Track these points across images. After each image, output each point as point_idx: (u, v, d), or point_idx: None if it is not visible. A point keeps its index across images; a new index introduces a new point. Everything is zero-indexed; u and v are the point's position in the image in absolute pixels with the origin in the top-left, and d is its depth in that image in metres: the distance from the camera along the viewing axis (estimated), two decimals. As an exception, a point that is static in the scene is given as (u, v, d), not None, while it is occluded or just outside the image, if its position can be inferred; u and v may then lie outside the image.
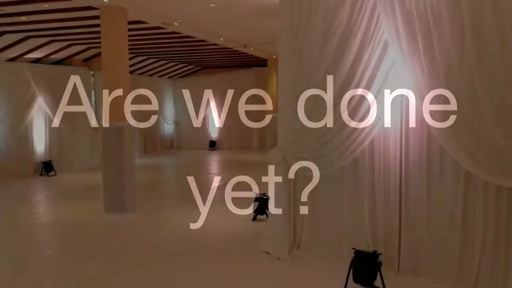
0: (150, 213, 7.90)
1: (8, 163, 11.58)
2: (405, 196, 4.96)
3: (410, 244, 4.95)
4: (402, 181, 4.97)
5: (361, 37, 4.99)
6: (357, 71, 5.03)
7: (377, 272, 4.51)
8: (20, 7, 7.73)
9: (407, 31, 4.60)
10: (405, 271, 4.96)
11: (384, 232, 5.08)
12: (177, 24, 9.24)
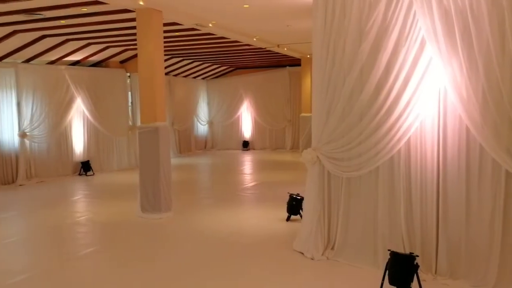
0: (185, 213, 7.99)
1: (49, 163, 11.95)
2: (443, 196, 4.84)
3: (448, 246, 4.83)
4: (439, 181, 4.86)
5: (396, 35, 4.92)
6: (393, 70, 4.95)
7: (414, 274, 4.43)
8: (59, 11, 7.96)
9: (445, 28, 4.51)
10: (442, 274, 4.85)
11: (421, 233, 4.98)
12: (212, 25, 9.32)
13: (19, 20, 8.48)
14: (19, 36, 9.75)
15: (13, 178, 11.22)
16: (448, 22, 4.49)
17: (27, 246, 6.59)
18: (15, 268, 5.55)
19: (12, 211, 8.55)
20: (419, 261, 4.55)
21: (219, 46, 12.49)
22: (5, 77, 10.96)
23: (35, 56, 11.33)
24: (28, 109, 11.39)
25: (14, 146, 11.27)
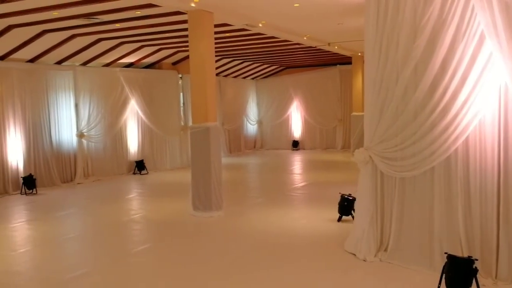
0: (235, 212, 8.05)
1: (105, 162, 12.39)
2: (504, 197, 4.62)
3: (509, 250, 4.61)
4: (500, 181, 4.65)
5: (454, 30, 4.74)
6: (449, 66, 4.78)
7: (473, 279, 4.26)
8: (114, 15, 8.22)
9: (505, 22, 4.30)
10: (503, 279, 4.63)
11: (480, 236, 4.78)
12: (262, 25, 9.34)
13: (78, 24, 8.82)
14: (77, 40, 10.15)
15: (72, 177, 11.69)
16: (509, 16, 4.28)
17: (85, 242, 6.85)
18: (73, 264, 5.77)
19: (71, 208, 8.91)
20: (478, 265, 4.37)
21: (269, 45, 12.51)
22: (64, 79, 11.44)
23: (91, 59, 11.76)
24: (85, 110, 11.84)
25: (72, 146, 11.75)
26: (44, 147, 11.04)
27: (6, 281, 5.22)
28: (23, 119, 10.53)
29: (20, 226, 7.66)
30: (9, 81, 10.20)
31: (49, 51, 10.41)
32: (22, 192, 10.21)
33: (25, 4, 7.12)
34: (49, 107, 11.14)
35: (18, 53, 9.99)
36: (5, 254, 6.16)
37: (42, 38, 9.53)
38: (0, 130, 10.10)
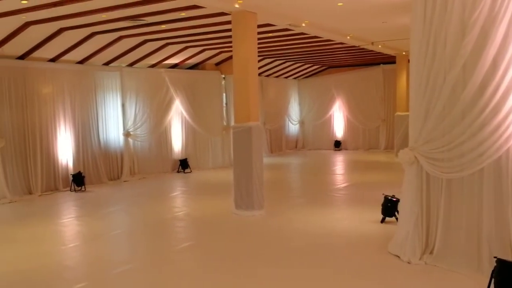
0: (276, 211, 8.07)
1: (150, 161, 12.69)
2: (558, 201, 4.44)
3: None
4: (554, 184, 4.46)
5: (505, 27, 4.59)
6: (500, 65, 4.63)
7: (524, 284, 4.10)
8: (160, 17, 8.40)
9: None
10: (557, 286, 4.43)
11: (532, 240, 4.60)
12: (305, 25, 9.31)
13: (124, 26, 9.07)
14: (124, 42, 10.44)
15: (118, 175, 12.03)
16: None
17: (131, 239, 7.04)
18: (120, 259, 5.95)
19: (118, 205, 9.17)
20: (530, 271, 4.20)
21: (311, 45, 12.45)
22: (111, 80, 11.79)
23: (137, 60, 12.06)
24: (131, 110, 12.17)
25: (119, 145, 12.09)
26: (93, 146, 11.41)
27: (57, 275, 5.43)
28: (72, 119, 10.92)
29: (70, 222, 7.95)
30: (60, 82, 10.60)
31: (98, 53, 10.75)
32: (72, 189, 10.60)
33: (75, 7, 7.38)
34: (97, 107, 11.51)
35: (68, 55, 10.38)
36: (55, 248, 6.41)
37: (91, 40, 9.86)
38: (51, 129, 10.51)
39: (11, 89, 9.70)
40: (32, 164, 10.11)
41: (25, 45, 9.43)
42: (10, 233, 7.23)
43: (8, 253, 6.18)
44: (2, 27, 8.33)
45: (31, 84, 10.02)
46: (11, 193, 9.59)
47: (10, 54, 9.54)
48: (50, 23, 8.43)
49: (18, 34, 8.67)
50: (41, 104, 10.25)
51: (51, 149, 10.51)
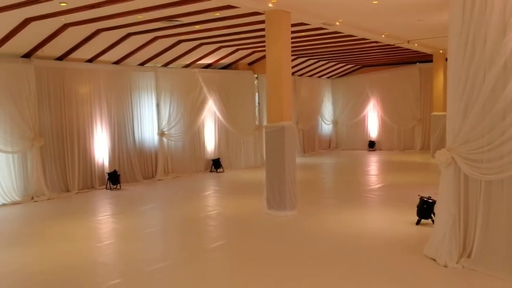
0: (309, 212, 8.01)
1: (183, 160, 12.82)
2: None
3: None
4: None
5: (548, 24, 4.41)
6: (543, 62, 4.45)
7: None
8: (194, 17, 8.47)
9: None
10: None
11: None
12: (339, 23, 9.22)
13: (160, 27, 9.20)
14: (159, 42, 10.58)
15: (153, 173, 12.21)
16: None
17: (164, 236, 7.13)
18: (153, 257, 6.02)
19: (152, 203, 9.31)
20: None
21: (345, 44, 12.32)
22: (146, 80, 11.97)
23: (172, 60, 12.21)
24: (166, 110, 12.33)
25: (153, 144, 12.27)
26: (128, 145, 11.62)
27: (93, 271, 5.55)
28: (108, 118, 11.14)
29: (105, 219, 8.12)
30: (97, 82, 10.84)
31: (133, 53, 10.94)
32: (107, 187, 10.82)
33: (112, 9, 7.53)
34: (133, 106, 11.71)
35: (105, 56, 10.60)
36: (91, 245, 6.55)
37: (127, 41, 10.03)
38: (88, 128, 10.75)
39: (50, 89, 9.98)
40: (69, 162, 10.38)
41: (63, 46, 9.69)
42: (48, 229, 7.43)
43: (46, 249, 6.36)
44: (43, 29, 8.57)
45: (69, 84, 10.29)
46: (49, 190, 9.88)
47: (50, 55, 9.82)
48: (88, 25, 8.63)
49: (57, 36, 8.91)
50: (78, 104, 10.51)
51: (88, 148, 10.76)
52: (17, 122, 9.29)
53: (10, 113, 9.19)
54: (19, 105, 9.30)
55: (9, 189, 9.33)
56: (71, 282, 5.14)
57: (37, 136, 9.61)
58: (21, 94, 9.35)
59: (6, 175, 9.30)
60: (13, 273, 5.45)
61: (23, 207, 9.10)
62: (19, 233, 7.33)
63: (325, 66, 17.18)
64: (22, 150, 9.45)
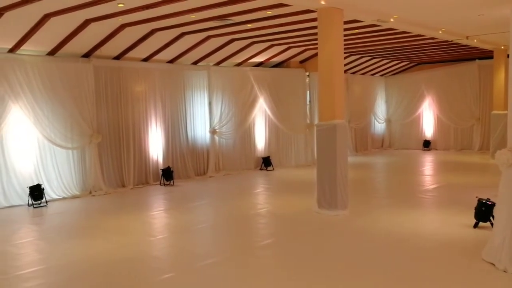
0: (361, 212, 7.89)
1: (234, 158, 12.96)
2: None
3: None
4: None
5: None
6: None
7: None
8: (246, 16, 8.52)
9: None
10: None
11: None
12: (393, 20, 9.00)
13: (212, 26, 9.32)
14: (211, 41, 10.73)
15: (205, 170, 12.41)
16: None
17: (215, 233, 7.22)
18: (205, 252, 6.12)
19: (204, 199, 9.46)
20: None
21: (400, 41, 12.02)
22: (198, 79, 12.18)
23: (224, 59, 12.34)
24: (217, 108, 12.50)
25: (205, 142, 12.47)
26: (181, 142, 11.87)
27: (147, 264, 5.71)
28: (163, 116, 11.42)
29: (159, 214, 8.33)
30: (152, 81, 11.14)
31: (187, 52, 11.15)
32: (161, 183, 11.10)
33: (167, 9, 7.70)
34: (186, 105, 11.95)
35: (159, 55, 10.87)
36: (145, 239, 6.74)
37: (180, 40, 10.24)
38: (144, 126, 11.07)
39: (107, 87, 10.35)
40: (125, 158, 10.73)
41: (120, 46, 10.01)
42: (105, 223, 7.72)
43: (103, 242, 6.60)
44: (101, 29, 8.90)
45: (125, 83, 10.62)
46: (106, 185, 10.25)
47: (107, 54, 10.17)
48: (143, 25, 8.88)
49: (114, 36, 9.22)
50: (134, 102, 10.83)
51: (143, 145, 11.08)
52: (77, 120, 9.69)
53: (71, 110, 9.60)
54: (78, 103, 9.71)
55: (69, 183, 9.76)
56: (126, 274, 5.31)
57: (95, 133, 9.99)
58: (81, 93, 9.76)
59: (66, 170, 9.73)
60: (72, 264, 5.70)
61: (82, 201, 9.49)
62: (78, 226, 7.65)
63: (378, 64, 16.84)
64: (81, 147, 9.86)
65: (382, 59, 16.24)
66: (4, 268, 5.60)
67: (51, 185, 9.48)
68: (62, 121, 9.52)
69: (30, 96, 9.02)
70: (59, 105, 9.45)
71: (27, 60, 8.99)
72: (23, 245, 6.49)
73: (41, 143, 9.37)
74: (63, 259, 5.85)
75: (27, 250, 6.28)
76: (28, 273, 5.40)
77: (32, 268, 5.57)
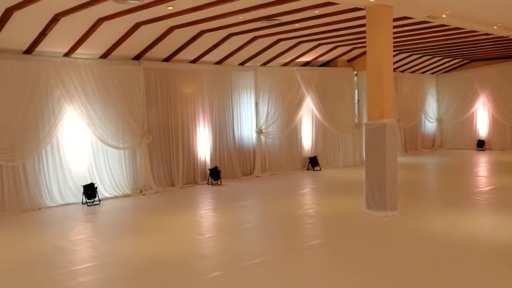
0: (411, 213, 7.70)
1: (280, 158, 12.95)
2: None
3: None
4: None
5: None
6: None
7: None
8: (294, 15, 8.50)
9: None
10: None
11: None
12: (445, 16, 8.72)
13: (259, 26, 9.35)
14: (258, 42, 10.77)
15: (251, 170, 12.47)
16: None
17: (262, 232, 7.24)
18: (252, 251, 6.16)
19: (250, 199, 9.51)
20: None
21: (452, 38, 11.63)
22: (245, 79, 12.25)
23: (271, 59, 12.36)
24: (264, 108, 12.53)
25: (252, 142, 12.53)
26: (228, 142, 11.99)
27: (196, 262, 5.80)
28: (210, 117, 11.57)
29: (206, 213, 8.44)
30: (199, 82, 11.30)
31: (234, 53, 11.24)
32: (209, 183, 11.25)
33: (215, 10, 7.79)
34: (233, 105, 12.06)
35: (207, 56, 11.01)
36: (194, 237, 6.85)
37: (228, 41, 10.34)
38: (192, 126, 11.25)
39: (157, 89, 10.58)
40: (174, 158, 10.94)
41: (169, 48, 10.21)
42: (155, 221, 7.89)
43: (152, 240, 6.76)
44: (151, 32, 9.11)
45: (174, 84, 10.83)
46: (156, 184, 10.49)
47: (157, 57, 10.40)
48: (192, 27, 9.02)
49: (164, 38, 9.42)
50: (183, 103, 11.02)
51: (191, 145, 11.27)
52: (128, 121, 9.97)
53: (122, 112, 9.88)
54: (130, 105, 9.98)
55: (121, 182, 10.05)
56: (177, 271, 5.41)
57: (146, 133, 10.25)
58: (132, 94, 10.03)
59: (118, 170, 10.02)
60: (124, 260, 5.86)
61: (133, 200, 9.76)
62: (130, 223, 7.87)
63: (429, 62, 16.37)
64: (132, 147, 10.13)
65: (432, 56, 15.78)
66: (60, 263, 5.84)
67: (103, 184, 9.80)
68: (114, 122, 9.82)
69: (84, 98, 9.35)
70: (111, 107, 9.75)
71: (81, 63, 9.33)
72: (78, 242, 6.74)
73: (94, 144, 9.70)
74: (116, 256, 6.04)
75: (82, 246, 6.52)
76: (83, 269, 5.60)
77: (87, 264, 5.78)
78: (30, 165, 8.89)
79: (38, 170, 9.01)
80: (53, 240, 6.83)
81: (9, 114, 8.52)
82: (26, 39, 8.34)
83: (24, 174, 8.81)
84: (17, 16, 7.29)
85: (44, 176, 9.07)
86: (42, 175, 9.05)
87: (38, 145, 8.90)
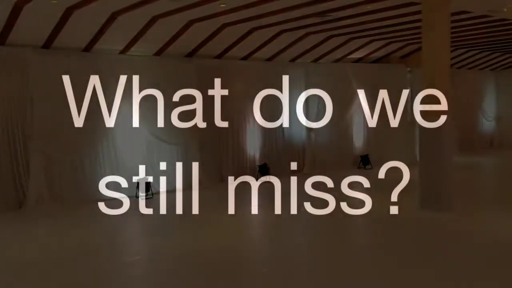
0: (468, 214, 7.41)
1: (330, 155, 12.81)
2: None
3: None
4: None
5: None
6: None
7: None
8: (346, 11, 8.37)
9: None
10: None
11: None
12: (507, 9, 8.34)
13: (311, 23, 9.28)
14: (310, 38, 10.70)
15: (300, 167, 12.40)
16: None
17: (312, 231, 7.20)
18: (301, 249, 6.16)
19: (300, 197, 9.42)
20: None
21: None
22: (295, 76, 12.16)
23: (322, 56, 12.25)
24: (314, 105, 12.42)
25: (301, 139, 12.47)
26: (277, 139, 11.99)
27: (247, 256, 5.85)
28: (260, 113, 11.56)
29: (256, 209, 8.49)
30: (250, 79, 11.35)
31: (285, 50, 11.22)
32: (257, 179, 11.27)
33: (266, 7, 7.80)
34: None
35: (258, 53, 11.04)
36: (244, 233, 6.91)
37: (279, 38, 10.32)
38: (242, 123, 11.33)
39: (208, 86, 10.63)
40: (224, 154, 11.06)
41: (221, 45, 10.31)
42: (206, 215, 7.98)
43: (204, 233, 6.86)
44: (203, 29, 9.23)
45: (225, 81, 10.88)
46: (206, 180, 10.64)
47: (209, 54, 10.53)
48: (243, 24, 9.07)
49: (216, 36, 9.52)
50: (233, 99, 11.10)
51: (241, 141, 11.35)
52: (180, 117, 10.12)
53: (174, 108, 10.05)
54: (183, 102, 10.15)
55: (173, 177, 10.25)
56: (229, 266, 5.44)
57: (196, 129, 10.40)
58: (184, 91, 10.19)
59: (170, 165, 10.22)
60: (177, 253, 5.98)
61: (184, 194, 9.89)
62: (182, 217, 7.98)
63: (488, 58, 15.72)
64: (183, 142, 10.32)
65: (492, 52, 15.13)
66: (114, 255, 6.03)
67: (156, 179, 10.03)
68: (167, 118, 10.01)
69: (138, 95, 9.59)
70: (164, 103, 9.92)
71: (136, 60, 9.58)
72: (131, 234, 6.95)
73: (148, 139, 9.94)
74: (168, 248, 6.16)
75: (136, 239, 6.71)
76: (137, 261, 5.76)
77: (140, 256, 5.94)
78: (87, 158, 9.23)
79: (94, 164, 9.34)
80: (111, 231, 7.07)
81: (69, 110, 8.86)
82: (85, 37, 8.66)
83: (82, 167, 9.16)
84: (76, 15, 7.58)
85: (100, 169, 9.39)
86: (98, 168, 9.37)
87: (96, 139, 9.24)
